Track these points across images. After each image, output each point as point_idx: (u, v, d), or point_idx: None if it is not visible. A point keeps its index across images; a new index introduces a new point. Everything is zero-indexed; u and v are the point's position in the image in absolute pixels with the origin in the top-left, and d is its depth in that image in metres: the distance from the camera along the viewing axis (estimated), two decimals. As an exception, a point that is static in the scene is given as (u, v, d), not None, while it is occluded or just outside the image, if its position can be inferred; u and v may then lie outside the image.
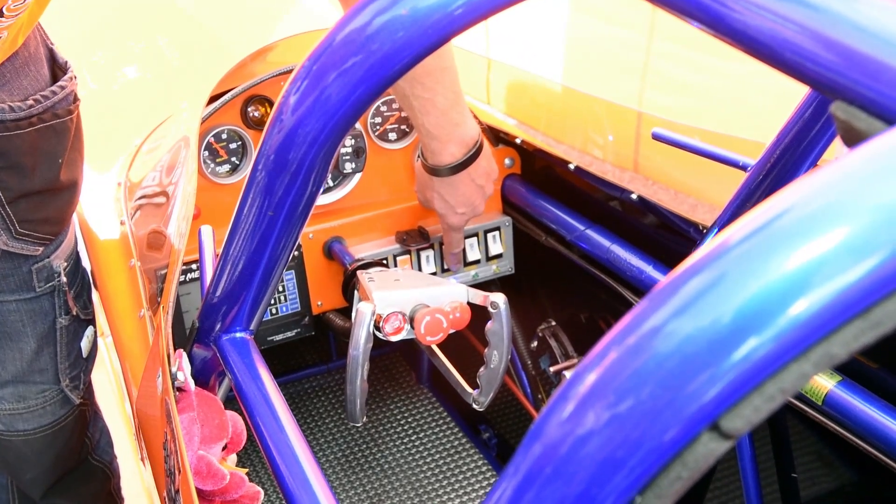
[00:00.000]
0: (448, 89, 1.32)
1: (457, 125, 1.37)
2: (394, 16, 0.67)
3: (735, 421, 0.40)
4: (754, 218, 0.41)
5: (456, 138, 1.39)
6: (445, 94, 1.32)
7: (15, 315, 1.23)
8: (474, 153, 1.41)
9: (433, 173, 1.44)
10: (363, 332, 1.16)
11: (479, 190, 1.47)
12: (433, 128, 1.36)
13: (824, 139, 1.12)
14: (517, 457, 0.48)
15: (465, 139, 1.40)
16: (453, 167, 1.41)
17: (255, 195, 0.84)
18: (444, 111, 1.34)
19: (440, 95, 1.31)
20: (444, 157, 1.41)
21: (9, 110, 1.06)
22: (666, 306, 0.42)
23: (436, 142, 1.38)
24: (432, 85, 1.30)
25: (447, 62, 1.30)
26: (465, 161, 1.41)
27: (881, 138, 0.40)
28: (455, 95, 1.34)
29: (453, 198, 1.46)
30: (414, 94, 1.31)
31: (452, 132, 1.37)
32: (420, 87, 1.30)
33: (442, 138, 1.38)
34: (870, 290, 0.38)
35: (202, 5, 2.33)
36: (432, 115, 1.34)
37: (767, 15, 0.54)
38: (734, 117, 1.59)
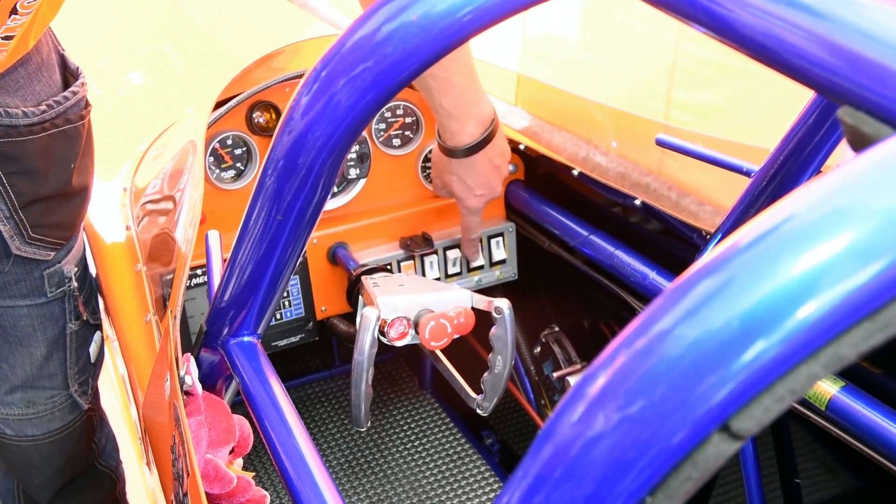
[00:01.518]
0: (464, 67, 1.32)
1: (474, 103, 1.37)
2: (403, 22, 0.68)
3: (745, 421, 0.41)
4: (763, 221, 0.41)
5: (474, 117, 1.38)
6: (462, 73, 1.32)
7: (26, 320, 1.23)
8: (491, 132, 1.41)
9: (451, 155, 1.43)
10: (368, 336, 1.16)
11: (497, 170, 1.47)
12: (452, 108, 1.36)
13: (828, 145, 1.12)
14: (527, 458, 0.48)
15: (483, 118, 1.40)
16: (472, 147, 1.41)
17: (265, 199, 0.85)
18: (462, 90, 1.34)
19: (457, 74, 1.31)
20: (463, 138, 1.40)
21: (22, 115, 1.07)
22: (676, 309, 0.43)
23: (454, 122, 1.38)
24: (448, 64, 1.30)
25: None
26: (483, 140, 1.41)
27: (888, 143, 0.41)
28: (471, 74, 1.34)
29: (472, 179, 1.46)
30: (431, 73, 1.30)
31: (470, 111, 1.37)
32: (438, 66, 1.28)
33: (461, 118, 1.37)
34: (878, 292, 0.39)
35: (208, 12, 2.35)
36: (451, 94, 1.34)
37: (774, 20, 0.55)
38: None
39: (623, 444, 0.43)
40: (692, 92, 1.72)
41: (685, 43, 1.70)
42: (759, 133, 1.52)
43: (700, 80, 1.71)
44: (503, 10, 0.69)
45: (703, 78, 1.70)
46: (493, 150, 1.44)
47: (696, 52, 1.70)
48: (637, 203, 1.51)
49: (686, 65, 1.72)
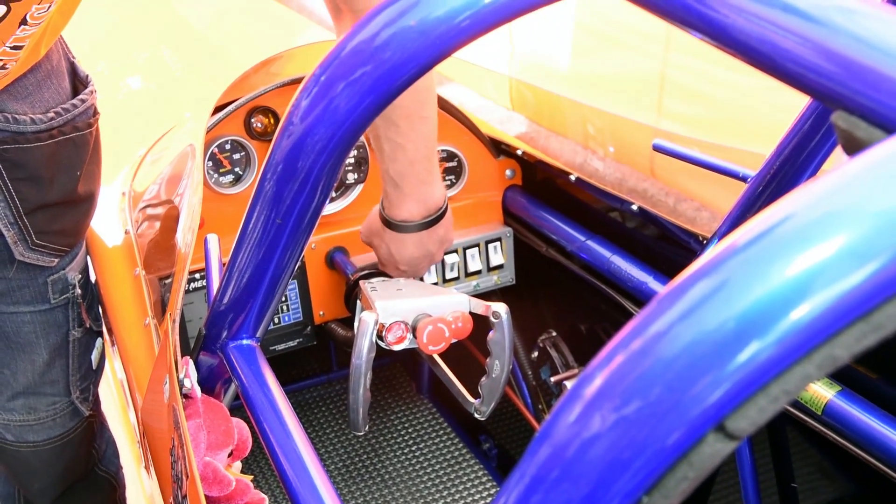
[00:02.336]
0: (421, 140, 1.23)
1: (422, 182, 1.27)
2: (402, 27, 0.68)
3: (740, 422, 0.41)
4: (758, 223, 0.42)
5: (419, 196, 1.28)
6: (417, 144, 1.23)
7: (29, 326, 1.23)
8: (433, 220, 1.31)
9: (386, 225, 1.33)
10: (366, 341, 1.16)
11: (428, 255, 1.36)
12: (397, 176, 1.26)
13: (823, 150, 1.13)
14: (524, 459, 0.48)
15: (428, 201, 1.29)
16: (408, 226, 1.31)
17: (264, 203, 0.85)
18: (412, 162, 1.24)
19: (412, 143, 1.22)
20: (400, 212, 1.30)
21: (30, 122, 1.07)
22: (671, 310, 0.43)
23: (397, 192, 1.28)
24: (407, 130, 1.21)
25: (428, 112, 1.22)
26: (421, 224, 1.31)
27: (881, 146, 0.42)
28: (427, 150, 1.25)
29: (399, 254, 1.35)
30: (387, 136, 1.22)
31: (416, 188, 1.28)
32: (394, 129, 1.21)
33: (404, 190, 1.27)
34: (871, 293, 0.39)
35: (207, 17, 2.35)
36: (399, 161, 1.24)
37: (769, 26, 0.55)
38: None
39: (619, 445, 0.44)
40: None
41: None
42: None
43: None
44: (501, 15, 0.70)
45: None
46: (430, 237, 1.33)
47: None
48: (634, 208, 1.51)
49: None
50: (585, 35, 2.08)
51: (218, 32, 2.28)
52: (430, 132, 1.23)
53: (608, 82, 1.96)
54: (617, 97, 1.88)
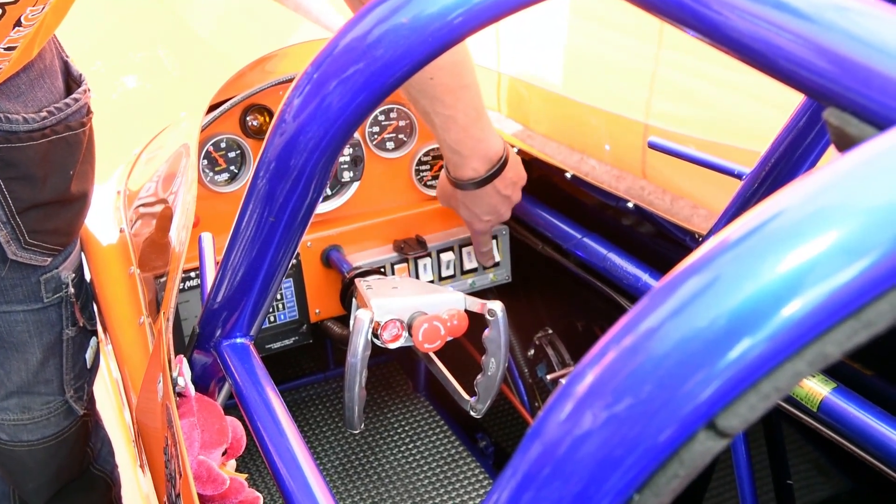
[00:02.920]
0: (469, 106, 1.32)
1: (479, 141, 1.37)
2: (394, 24, 0.68)
3: (731, 419, 0.41)
4: (748, 220, 0.42)
5: (479, 154, 1.39)
6: (466, 111, 1.32)
7: (22, 326, 1.23)
8: (498, 168, 1.42)
9: (456, 186, 1.44)
10: (361, 339, 1.16)
11: (505, 200, 1.48)
12: (455, 143, 1.36)
13: (818, 148, 1.13)
14: (516, 457, 0.48)
15: (489, 154, 1.40)
16: (476, 182, 1.42)
17: (257, 201, 0.85)
18: (465, 127, 1.34)
19: (461, 112, 1.32)
20: (466, 172, 1.41)
21: (22, 122, 1.07)
22: (662, 307, 0.43)
23: (458, 156, 1.39)
24: (452, 102, 1.31)
25: (468, 80, 1.31)
26: (488, 177, 1.42)
27: (872, 143, 0.41)
28: (476, 112, 1.34)
29: (478, 207, 1.47)
30: (435, 111, 1.32)
31: (475, 147, 1.38)
32: (440, 104, 1.31)
33: (464, 153, 1.38)
34: (862, 290, 0.39)
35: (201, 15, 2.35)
36: (453, 131, 1.34)
37: (762, 23, 0.55)
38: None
39: (610, 442, 0.44)
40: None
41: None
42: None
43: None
44: (494, 12, 0.70)
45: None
46: (501, 183, 1.44)
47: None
48: (630, 206, 1.51)
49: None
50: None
51: (213, 31, 2.28)
52: (474, 97, 1.33)
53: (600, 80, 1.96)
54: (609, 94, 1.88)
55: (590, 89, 1.94)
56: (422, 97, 1.32)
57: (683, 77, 1.73)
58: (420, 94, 1.32)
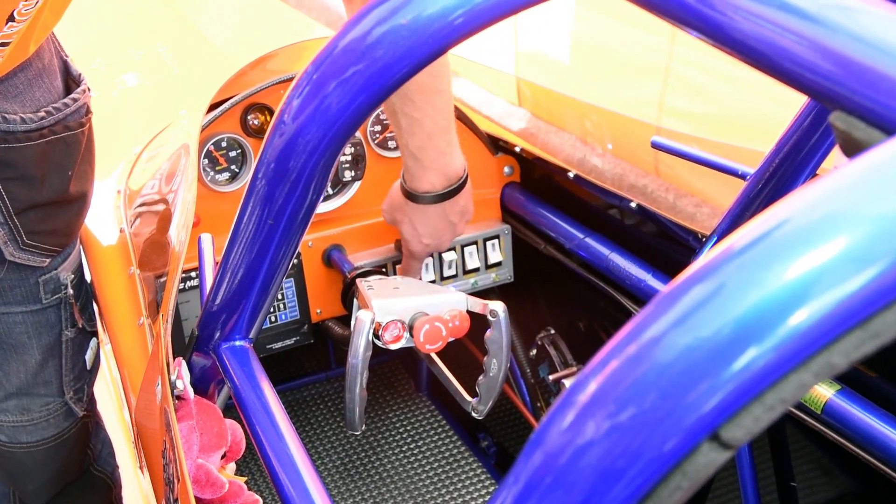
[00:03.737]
0: (438, 113, 1.26)
1: (442, 154, 1.31)
2: (394, 25, 0.67)
3: (735, 431, 0.40)
4: (754, 227, 0.41)
5: (438, 167, 1.32)
6: (435, 118, 1.26)
7: (20, 327, 1.22)
8: (455, 189, 1.35)
9: (408, 197, 1.37)
10: (362, 340, 1.15)
11: (451, 226, 1.41)
12: (416, 150, 1.29)
13: (823, 148, 1.12)
14: (518, 465, 0.48)
15: (448, 171, 1.33)
16: (430, 197, 1.35)
17: (255, 203, 0.84)
18: (431, 135, 1.28)
19: (429, 117, 1.26)
20: (422, 184, 1.34)
21: (20, 122, 1.06)
22: (666, 316, 0.42)
23: (417, 165, 1.31)
24: (423, 105, 1.24)
25: (443, 85, 1.25)
26: (443, 194, 1.34)
27: (880, 148, 0.41)
28: (445, 122, 1.28)
29: (422, 227, 1.40)
30: (403, 111, 1.25)
31: (436, 159, 1.31)
32: (410, 104, 1.24)
33: (424, 162, 1.31)
34: (870, 300, 0.38)
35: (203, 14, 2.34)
36: (418, 136, 1.28)
37: (766, 25, 0.54)
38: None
39: (613, 453, 0.43)
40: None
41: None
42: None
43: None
44: (495, 13, 0.69)
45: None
46: (452, 207, 1.37)
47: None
48: (633, 206, 1.51)
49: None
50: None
51: (214, 29, 2.27)
52: (446, 105, 1.27)
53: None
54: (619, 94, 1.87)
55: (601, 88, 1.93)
56: (393, 94, 1.27)
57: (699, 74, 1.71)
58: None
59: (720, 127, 1.68)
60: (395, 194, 1.42)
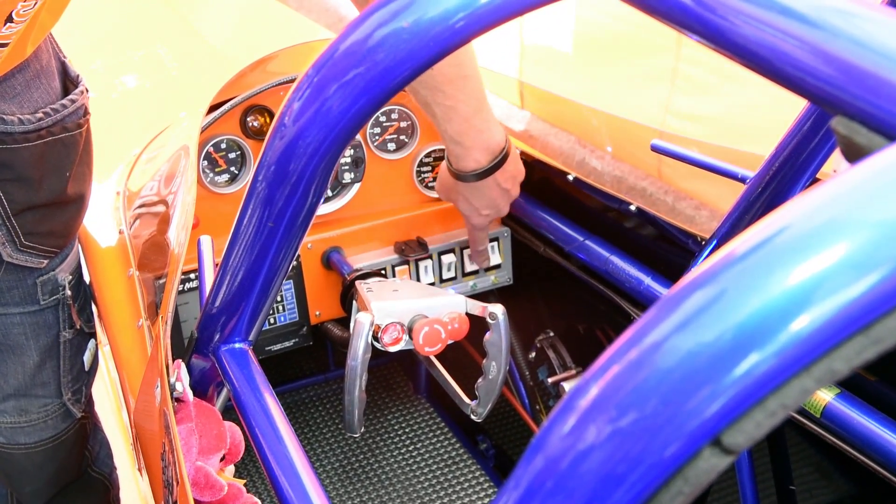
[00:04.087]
0: (470, 97, 1.31)
1: (481, 132, 1.36)
2: (395, 28, 0.67)
3: (736, 436, 0.40)
4: (756, 233, 0.41)
5: (480, 145, 1.37)
6: (468, 102, 1.31)
7: (18, 328, 1.22)
8: (500, 160, 1.40)
9: (457, 178, 1.42)
10: (361, 342, 1.15)
11: (505, 193, 1.47)
12: (456, 134, 1.35)
13: (823, 152, 1.12)
14: (518, 470, 0.48)
15: (491, 145, 1.38)
16: (478, 174, 1.40)
17: (256, 205, 0.84)
18: (467, 118, 1.33)
19: (462, 103, 1.30)
20: (468, 163, 1.39)
21: (18, 122, 1.06)
22: (668, 321, 0.42)
23: (460, 147, 1.37)
24: (454, 93, 1.29)
25: (468, 70, 1.30)
26: (490, 168, 1.40)
27: (882, 154, 0.41)
28: (478, 102, 1.32)
29: (478, 200, 1.46)
30: (435, 101, 1.30)
31: (477, 138, 1.36)
32: (441, 95, 1.29)
33: (466, 144, 1.36)
34: (871, 306, 0.38)
35: (202, 15, 2.34)
36: (455, 121, 1.33)
37: (767, 29, 0.54)
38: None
39: (614, 458, 0.43)
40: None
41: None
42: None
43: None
44: (497, 15, 0.69)
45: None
46: (502, 175, 1.42)
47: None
48: (632, 208, 1.50)
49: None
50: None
51: (214, 30, 2.27)
52: (475, 87, 1.32)
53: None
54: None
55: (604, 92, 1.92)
56: (422, 87, 1.30)
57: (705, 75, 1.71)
58: (420, 84, 1.30)
59: (727, 129, 1.67)
60: (444, 176, 1.48)
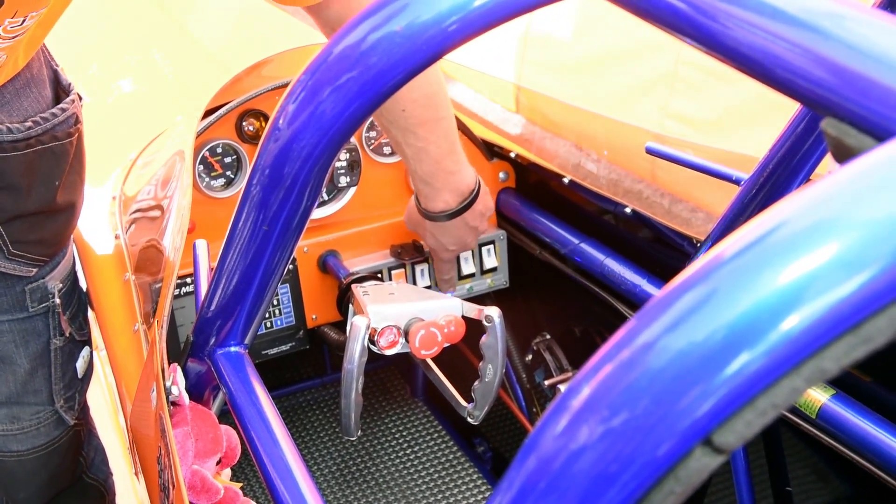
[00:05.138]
0: (442, 139, 1.30)
1: (452, 174, 1.35)
2: (388, 32, 0.67)
3: (727, 436, 0.40)
4: (746, 233, 0.41)
5: (450, 186, 1.36)
6: (439, 144, 1.30)
7: (7, 336, 1.21)
8: (469, 201, 1.39)
9: (425, 217, 1.41)
10: (358, 345, 1.16)
11: (473, 230, 1.46)
12: (426, 175, 1.34)
13: (816, 154, 1.12)
14: (511, 471, 0.48)
15: (461, 187, 1.37)
16: (448, 214, 1.39)
17: (250, 210, 0.84)
18: (438, 160, 1.32)
19: (433, 145, 1.29)
20: (437, 204, 1.38)
21: (6, 131, 1.05)
22: (658, 321, 0.42)
23: (429, 188, 1.36)
24: (425, 135, 1.28)
25: (442, 112, 1.28)
26: (459, 210, 1.39)
27: (871, 154, 0.41)
28: (450, 145, 1.31)
29: (446, 238, 1.45)
30: (407, 142, 1.29)
31: (447, 180, 1.35)
32: (413, 136, 1.28)
33: (436, 185, 1.35)
34: (861, 305, 0.38)
35: (198, 20, 2.34)
36: (425, 163, 1.32)
37: (758, 32, 0.55)
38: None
39: (606, 458, 0.43)
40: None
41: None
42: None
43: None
44: (490, 19, 0.69)
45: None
46: (471, 215, 1.42)
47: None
48: (628, 211, 1.51)
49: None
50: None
51: (209, 35, 2.27)
52: (448, 129, 1.31)
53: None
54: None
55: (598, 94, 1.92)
56: (393, 128, 1.30)
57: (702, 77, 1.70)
58: (391, 124, 1.30)
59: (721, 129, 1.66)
60: (412, 211, 1.47)
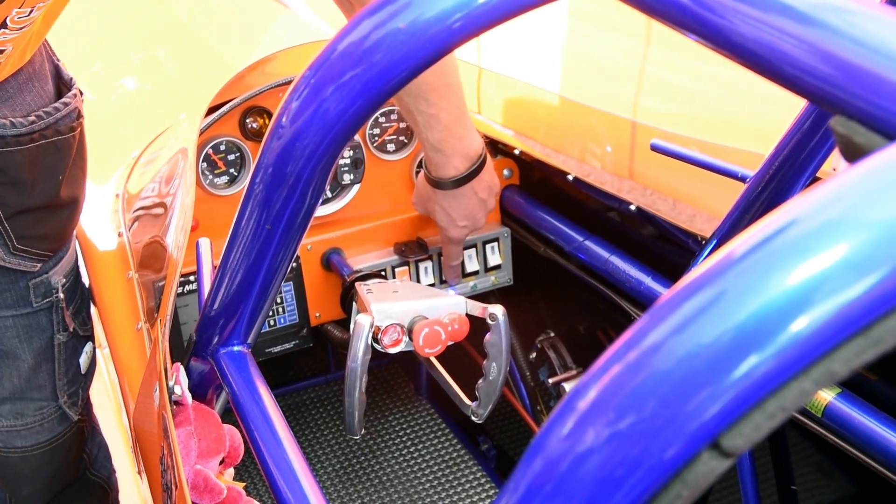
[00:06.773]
0: (452, 105, 1.33)
1: (460, 139, 1.38)
2: (392, 29, 0.67)
3: (735, 439, 0.40)
4: (755, 233, 0.41)
5: (460, 152, 1.40)
6: (449, 110, 1.33)
7: (11, 331, 1.21)
8: (478, 167, 1.42)
9: (436, 186, 1.44)
10: (361, 344, 1.15)
11: (482, 203, 1.49)
12: (437, 142, 1.37)
13: (823, 151, 1.11)
14: (517, 472, 0.47)
15: (469, 152, 1.41)
16: (457, 180, 1.42)
17: (253, 208, 0.84)
18: (448, 126, 1.35)
19: (444, 111, 1.33)
20: (447, 171, 1.41)
21: (10, 126, 1.06)
22: (666, 322, 0.42)
23: (440, 155, 1.39)
24: (436, 101, 1.31)
25: (451, 79, 1.32)
26: (468, 174, 1.42)
27: (881, 154, 0.40)
28: (459, 111, 1.35)
29: (456, 211, 1.47)
30: (418, 109, 1.32)
31: (456, 146, 1.39)
32: (424, 102, 1.31)
33: (446, 152, 1.39)
34: (871, 306, 0.38)
35: (201, 17, 2.34)
36: (436, 129, 1.35)
37: (766, 28, 0.54)
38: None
39: (613, 461, 0.42)
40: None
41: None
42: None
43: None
44: (495, 15, 0.68)
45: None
46: (479, 184, 1.45)
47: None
48: (632, 208, 1.50)
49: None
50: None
51: (213, 32, 2.27)
52: (457, 95, 1.34)
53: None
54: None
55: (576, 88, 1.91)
56: (405, 95, 1.33)
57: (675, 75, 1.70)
58: (404, 91, 1.32)
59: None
60: (421, 187, 1.51)
